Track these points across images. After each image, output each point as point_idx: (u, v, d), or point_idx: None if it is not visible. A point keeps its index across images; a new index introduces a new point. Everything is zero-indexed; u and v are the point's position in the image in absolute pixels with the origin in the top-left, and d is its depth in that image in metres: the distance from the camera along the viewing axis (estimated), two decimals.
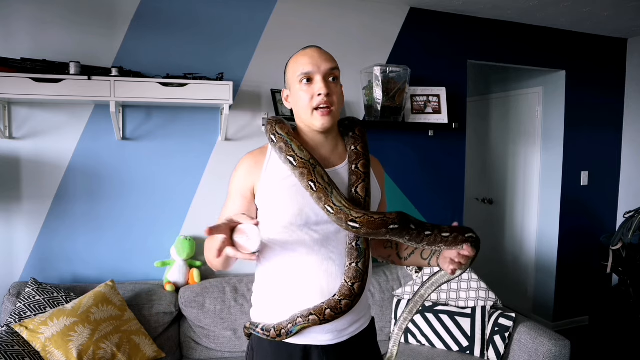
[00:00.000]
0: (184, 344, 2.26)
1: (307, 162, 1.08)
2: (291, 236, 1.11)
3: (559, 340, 2.05)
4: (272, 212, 1.13)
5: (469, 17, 3.01)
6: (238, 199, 1.16)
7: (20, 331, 1.83)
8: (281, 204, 1.11)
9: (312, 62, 1.11)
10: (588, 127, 3.45)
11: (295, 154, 1.09)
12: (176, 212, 2.45)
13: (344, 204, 1.04)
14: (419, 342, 2.31)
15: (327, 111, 1.10)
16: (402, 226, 1.03)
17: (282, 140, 1.12)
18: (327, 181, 1.07)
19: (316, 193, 1.06)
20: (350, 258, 1.10)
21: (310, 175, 1.07)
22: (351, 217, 1.02)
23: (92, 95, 2.07)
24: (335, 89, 1.13)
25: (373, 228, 1.02)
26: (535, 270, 3.68)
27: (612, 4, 2.77)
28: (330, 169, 1.15)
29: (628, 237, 2.97)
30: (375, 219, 1.02)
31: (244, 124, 2.53)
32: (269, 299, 1.18)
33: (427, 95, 2.80)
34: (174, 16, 2.40)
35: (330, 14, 2.68)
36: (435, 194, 2.97)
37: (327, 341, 1.13)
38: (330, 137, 1.18)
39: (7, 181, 2.20)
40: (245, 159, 1.19)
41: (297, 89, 1.12)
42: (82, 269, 2.32)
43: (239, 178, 1.17)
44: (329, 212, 1.05)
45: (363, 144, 1.19)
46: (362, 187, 1.12)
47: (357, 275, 1.09)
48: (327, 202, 1.05)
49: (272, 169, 1.14)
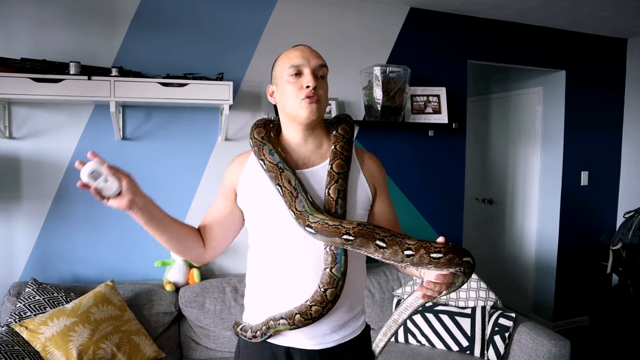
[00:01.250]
0: (184, 344, 2.26)
1: (274, 165, 1.09)
2: (271, 239, 1.13)
3: (559, 340, 2.05)
4: (252, 215, 1.16)
5: (469, 17, 3.01)
6: (221, 197, 1.23)
7: (20, 331, 1.83)
8: (258, 206, 1.14)
9: (302, 56, 1.11)
10: (588, 127, 3.45)
11: (265, 158, 1.11)
12: (176, 212, 2.41)
13: (307, 208, 1.03)
14: (419, 342, 2.31)
15: (314, 99, 1.09)
16: (362, 240, 0.96)
17: (256, 144, 1.15)
18: (294, 185, 1.06)
19: (283, 197, 1.07)
20: (325, 263, 1.08)
21: (278, 178, 1.08)
22: (307, 223, 1.02)
23: (92, 95, 2.07)
24: (323, 85, 1.12)
25: (326, 235, 0.99)
26: (535, 270, 3.68)
27: (612, 4, 2.77)
28: (308, 169, 1.14)
29: (628, 237, 2.97)
30: (328, 226, 0.98)
31: (244, 124, 2.53)
32: (252, 300, 1.20)
33: (427, 95, 2.80)
34: (174, 16, 2.40)
35: (330, 14, 2.68)
36: (435, 194, 2.97)
37: (311, 346, 1.12)
38: (313, 135, 1.16)
39: (7, 181, 2.20)
40: (233, 161, 1.24)
41: (285, 81, 1.11)
42: (82, 269, 2.32)
43: (225, 178, 1.23)
44: (292, 216, 1.06)
45: (343, 143, 1.16)
46: (334, 189, 1.10)
47: (331, 281, 1.06)
48: (291, 205, 1.05)
49: (251, 173, 1.16)
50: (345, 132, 1.19)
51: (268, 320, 1.11)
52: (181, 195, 2.45)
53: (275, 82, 1.16)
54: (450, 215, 3.02)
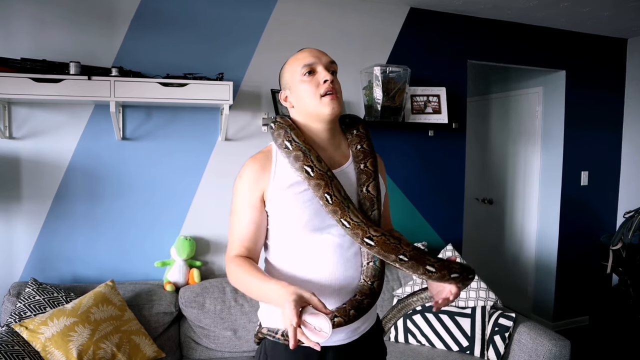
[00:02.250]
0: (184, 344, 2.26)
1: (324, 173, 1.06)
2: (304, 241, 1.10)
3: (559, 340, 2.05)
4: (284, 219, 1.11)
5: (469, 17, 3.01)
6: (248, 210, 1.11)
7: (20, 331, 1.83)
8: (292, 210, 1.09)
9: (313, 55, 1.12)
10: (588, 127, 3.45)
11: (314, 165, 1.07)
12: (176, 212, 2.45)
13: (362, 219, 1.05)
14: (419, 342, 2.31)
15: (335, 95, 1.09)
16: (413, 263, 1.03)
17: (299, 148, 1.08)
18: (344, 195, 1.06)
19: (332, 206, 1.05)
20: (368, 257, 1.11)
21: (328, 187, 1.05)
22: (369, 234, 1.03)
23: (92, 95, 2.07)
24: (337, 81, 1.13)
25: (385, 250, 1.03)
26: (535, 270, 3.68)
27: (612, 4, 2.77)
28: (337, 169, 1.14)
29: (628, 237, 2.97)
30: (390, 242, 1.03)
31: (244, 124, 2.53)
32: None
33: (427, 95, 2.80)
34: (174, 16, 2.40)
35: (330, 14, 2.68)
36: (435, 194, 2.97)
37: (342, 341, 1.13)
38: (335, 132, 1.17)
39: (7, 181, 2.20)
40: (249, 166, 1.13)
41: (299, 81, 1.11)
42: (82, 269, 2.32)
43: (246, 188, 1.12)
44: (345, 226, 1.05)
45: (369, 142, 1.19)
46: (374, 186, 1.13)
47: (376, 273, 1.10)
48: (344, 216, 1.05)
49: (281, 175, 1.11)
50: (366, 130, 1.22)
51: None
52: (181, 195, 2.45)
53: (288, 87, 1.16)
54: (450, 216, 3.02)
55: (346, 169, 1.16)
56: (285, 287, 0.93)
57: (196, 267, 2.39)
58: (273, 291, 0.95)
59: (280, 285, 0.94)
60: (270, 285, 0.97)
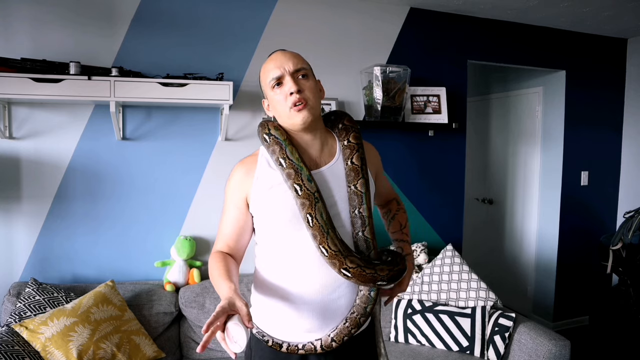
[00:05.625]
0: (184, 344, 2.26)
1: (311, 194, 1.07)
2: (288, 237, 1.12)
3: (559, 340, 2.05)
4: (267, 218, 1.14)
5: (469, 17, 3.01)
6: (232, 210, 1.18)
7: (20, 331, 1.83)
8: (275, 209, 1.12)
9: (278, 65, 1.11)
10: (588, 127, 3.45)
11: (303, 184, 1.08)
12: (176, 212, 2.45)
13: (340, 247, 1.05)
14: (419, 342, 2.31)
15: (302, 105, 1.09)
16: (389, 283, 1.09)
17: (292, 166, 1.10)
18: (325, 219, 1.06)
19: (312, 229, 1.06)
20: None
21: (311, 209, 1.06)
22: (345, 266, 1.04)
23: (92, 95, 2.07)
24: (307, 84, 1.12)
25: (362, 281, 1.06)
26: (535, 270, 3.68)
27: (612, 4, 2.77)
28: (322, 167, 1.15)
29: (628, 237, 2.97)
30: (366, 274, 1.05)
31: (244, 124, 2.53)
32: (268, 300, 1.18)
33: (427, 95, 2.80)
34: (174, 16, 2.40)
35: (330, 13, 2.68)
36: (435, 194, 2.97)
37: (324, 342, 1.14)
38: (317, 135, 1.17)
39: (7, 181, 2.20)
40: (236, 169, 1.19)
41: (272, 95, 1.13)
42: (82, 269, 2.32)
43: (231, 189, 1.17)
44: (323, 254, 1.06)
45: (355, 133, 1.19)
46: (362, 183, 1.14)
47: (369, 300, 1.13)
48: (322, 242, 1.05)
49: (264, 177, 1.14)
50: (351, 122, 1.22)
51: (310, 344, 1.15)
52: (181, 195, 2.45)
53: (266, 96, 1.18)
54: (450, 216, 3.02)
55: (333, 166, 1.16)
56: (228, 291, 0.98)
57: (196, 267, 2.39)
58: (221, 290, 1.01)
59: (227, 287, 1.00)
60: (222, 283, 1.03)
